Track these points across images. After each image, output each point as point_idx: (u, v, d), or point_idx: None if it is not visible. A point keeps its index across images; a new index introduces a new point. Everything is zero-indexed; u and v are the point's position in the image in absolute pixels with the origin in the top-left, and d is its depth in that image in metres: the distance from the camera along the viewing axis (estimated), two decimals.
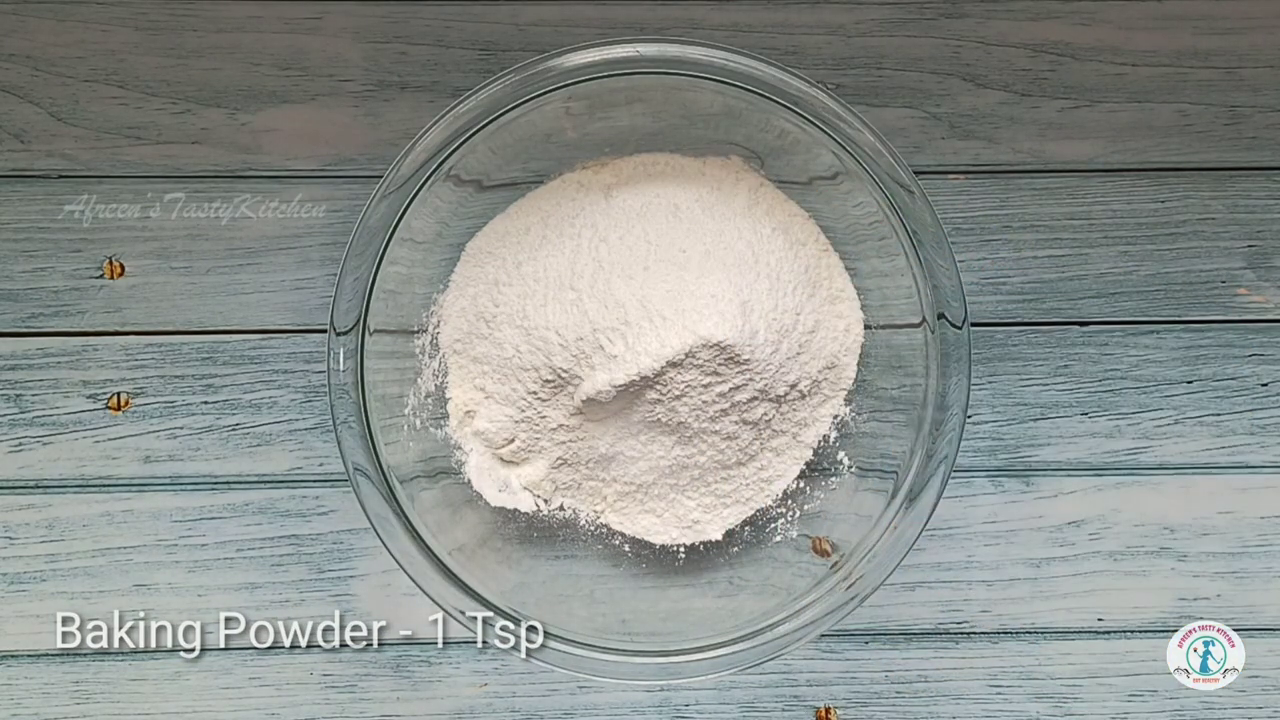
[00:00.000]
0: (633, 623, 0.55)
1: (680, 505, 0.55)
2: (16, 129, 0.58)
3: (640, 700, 0.58)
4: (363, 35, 0.59)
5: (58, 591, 0.57)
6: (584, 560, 0.57)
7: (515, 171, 0.56)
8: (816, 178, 0.55)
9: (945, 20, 0.60)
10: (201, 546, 0.58)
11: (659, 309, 0.51)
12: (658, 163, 0.56)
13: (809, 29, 0.59)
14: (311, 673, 0.57)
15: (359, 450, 0.52)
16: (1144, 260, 0.60)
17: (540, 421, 0.54)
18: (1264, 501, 0.59)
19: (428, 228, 0.54)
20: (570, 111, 0.55)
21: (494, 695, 0.58)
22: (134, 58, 0.59)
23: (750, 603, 0.55)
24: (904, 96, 0.59)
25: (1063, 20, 0.60)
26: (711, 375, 0.51)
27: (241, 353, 0.58)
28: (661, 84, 0.53)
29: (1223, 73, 0.60)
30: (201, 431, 0.58)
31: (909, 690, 0.58)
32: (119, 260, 0.58)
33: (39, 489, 0.58)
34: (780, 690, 0.58)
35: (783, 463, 0.55)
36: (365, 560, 0.58)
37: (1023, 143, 0.59)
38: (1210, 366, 0.59)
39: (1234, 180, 0.60)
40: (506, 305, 0.54)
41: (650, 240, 0.53)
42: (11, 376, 0.58)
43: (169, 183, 0.58)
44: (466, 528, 0.55)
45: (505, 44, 0.59)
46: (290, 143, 0.59)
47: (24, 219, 0.58)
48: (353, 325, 0.52)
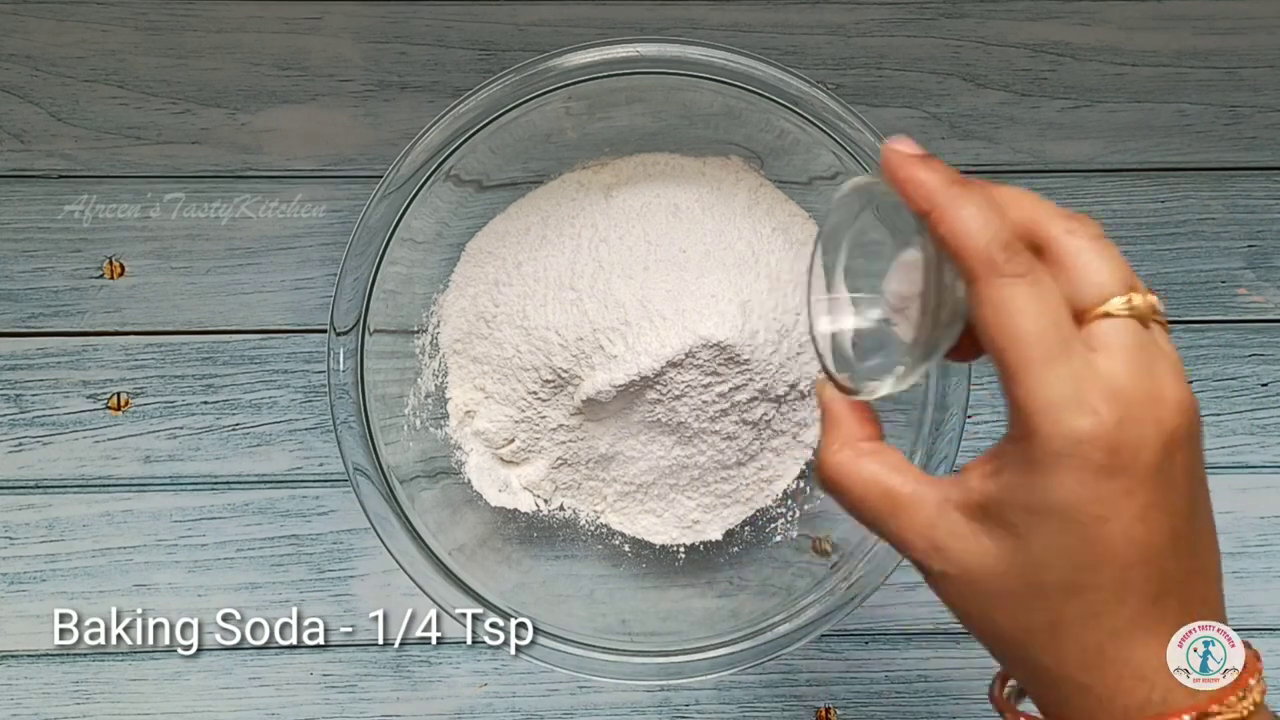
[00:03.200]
0: (633, 623, 0.55)
1: (680, 505, 0.55)
2: (16, 129, 0.58)
3: (640, 700, 0.58)
4: (363, 35, 0.59)
5: (57, 591, 0.57)
6: (584, 560, 0.57)
7: (515, 171, 0.56)
8: (816, 178, 0.55)
9: (945, 20, 0.60)
10: (201, 546, 0.58)
11: (659, 309, 0.51)
12: (658, 163, 0.56)
13: (809, 29, 0.59)
14: (311, 673, 0.57)
15: (359, 450, 0.52)
16: (1144, 260, 0.60)
17: (540, 421, 0.54)
18: (1264, 501, 0.59)
19: (428, 228, 0.54)
20: (570, 111, 0.55)
21: (494, 695, 0.58)
22: (134, 58, 0.59)
23: (750, 603, 0.55)
24: (904, 96, 0.60)
25: (1063, 20, 0.60)
26: (711, 375, 0.51)
27: (241, 353, 0.58)
28: (661, 84, 0.53)
29: (1223, 73, 0.60)
30: (201, 431, 0.58)
31: (909, 690, 0.58)
32: (119, 260, 0.58)
33: (39, 489, 0.58)
34: (780, 690, 0.58)
35: (783, 463, 0.55)
36: (365, 560, 0.58)
37: (1023, 143, 0.59)
38: (1210, 366, 0.59)
39: (1234, 180, 0.60)
40: (506, 305, 0.54)
41: (650, 240, 0.53)
42: (11, 376, 0.58)
43: (169, 183, 0.58)
44: (466, 528, 0.55)
45: (505, 44, 0.59)
46: (290, 143, 0.59)
47: (24, 219, 0.58)
48: (353, 325, 0.52)
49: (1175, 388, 0.31)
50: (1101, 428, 0.30)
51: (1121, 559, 0.31)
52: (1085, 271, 0.32)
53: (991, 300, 0.32)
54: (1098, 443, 0.30)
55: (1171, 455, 0.31)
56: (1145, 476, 0.31)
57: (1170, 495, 0.31)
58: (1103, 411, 0.30)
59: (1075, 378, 0.31)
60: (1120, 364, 0.31)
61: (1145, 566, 0.31)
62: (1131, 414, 0.31)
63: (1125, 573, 0.31)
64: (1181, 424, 0.31)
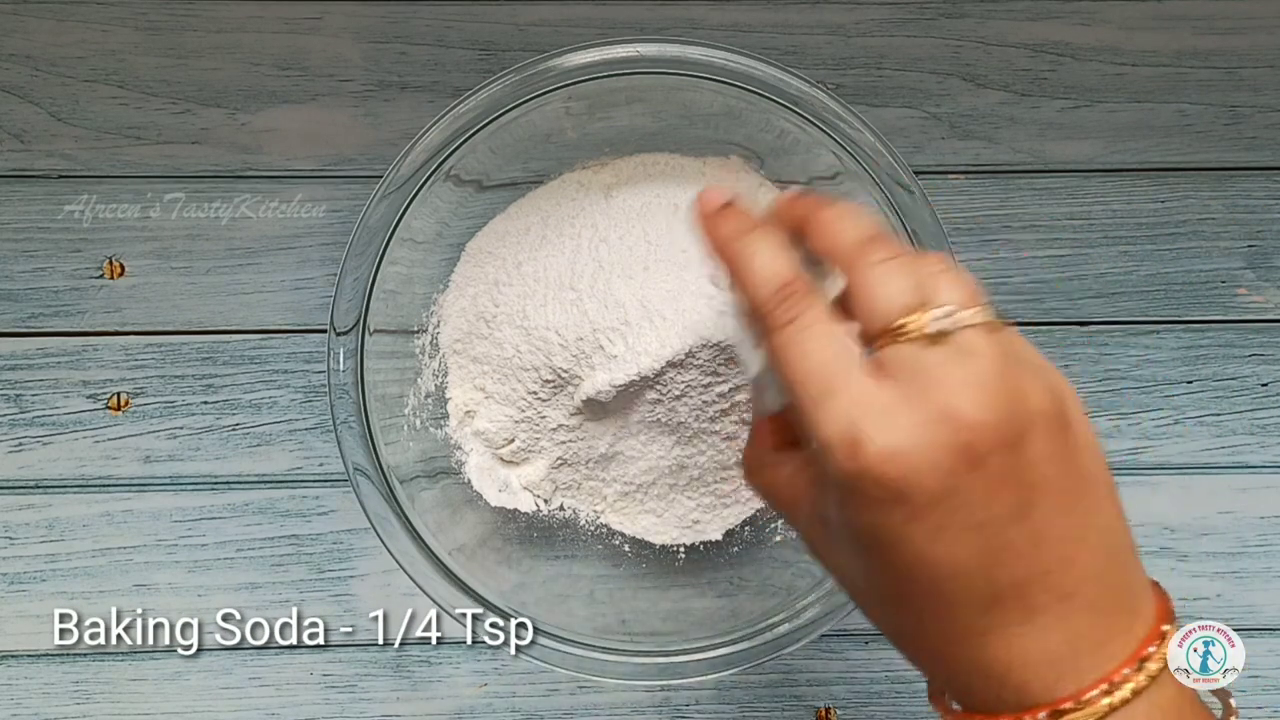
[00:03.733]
0: (633, 623, 0.55)
1: (680, 505, 0.55)
2: (16, 129, 0.58)
3: (640, 700, 0.58)
4: (363, 35, 0.59)
5: (57, 591, 0.57)
6: (584, 560, 0.57)
7: (515, 171, 0.56)
8: (816, 178, 0.55)
9: (945, 20, 0.60)
10: (201, 546, 0.58)
11: (659, 309, 0.51)
12: (658, 163, 0.56)
13: (809, 29, 0.59)
14: (311, 673, 0.57)
15: (359, 450, 0.52)
16: (1144, 260, 0.60)
17: (540, 421, 0.54)
18: (1264, 501, 0.59)
19: (428, 228, 0.54)
20: (570, 111, 0.55)
21: (494, 695, 0.58)
22: (134, 58, 0.59)
23: (750, 603, 0.55)
24: (904, 96, 0.60)
25: (1063, 20, 0.60)
26: (712, 375, 0.51)
27: (241, 353, 0.58)
28: (661, 84, 0.53)
29: (1223, 73, 0.60)
30: (201, 431, 0.58)
31: (909, 690, 0.58)
32: (119, 260, 0.58)
33: (39, 489, 0.58)
34: (780, 690, 0.58)
35: None
36: (365, 560, 0.58)
37: (1023, 143, 0.59)
38: (1210, 366, 0.59)
39: (1234, 180, 0.60)
40: (506, 305, 0.54)
41: (650, 240, 0.53)
42: (11, 376, 0.58)
43: (169, 183, 0.58)
44: (466, 528, 0.55)
45: (505, 44, 0.59)
46: (290, 143, 0.59)
47: (24, 219, 0.58)
48: (353, 325, 0.52)
49: (964, 405, 0.30)
50: (864, 463, 0.30)
51: (926, 577, 0.31)
52: (870, 296, 0.32)
53: (772, 348, 0.33)
54: (867, 479, 0.30)
55: (966, 473, 0.30)
56: (928, 501, 0.30)
57: (971, 511, 0.31)
58: (866, 445, 0.30)
59: (842, 418, 0.31)
60: (897, 391, 0.31)
61: (955, 580, 0.31)
62: (907, 442, 0.30)
63: (935, 587, 0.31)
64: (968, 442, 0.30)
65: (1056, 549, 0.32)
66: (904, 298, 0.32)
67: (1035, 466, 0.31)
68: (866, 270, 0.33)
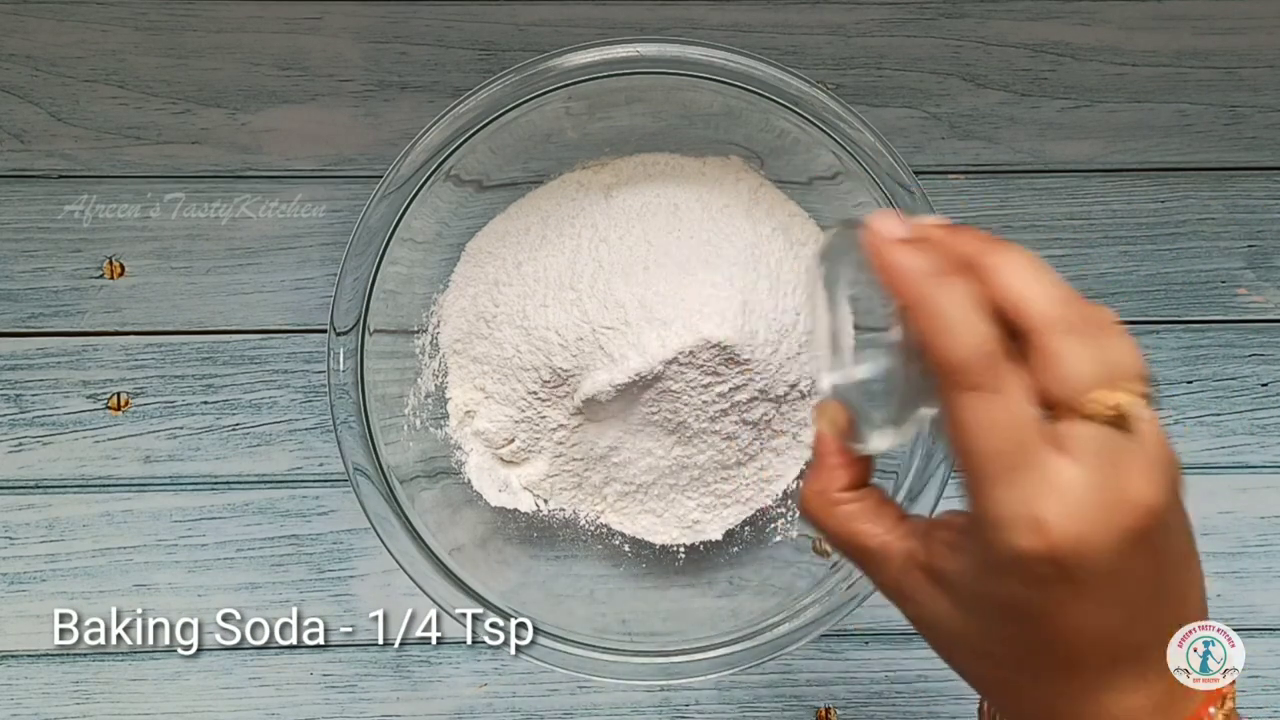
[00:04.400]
0: (633, 623, 0.55)
1: (680, 505, 0.55)
2: (16, 129, 0.58)
3: (640, 700, 0.58)
4: (363, 35, 0.59)
5: (58, 591, 0.57)
6: (584, 560, 0.57)
7: (515, 171, 0.56)
8: (816, 178, 0.55)
9: (945, 20, 0.60)
10: (201, 546, 0.58)
11: (659, 309, 0.51)
12: (658, 163, 0.56)
13: (809, 29, 0.59)
14: (311, 673, 0.57)
15: (359, 450, 0.52)
16: (1144, 260, 0.60)
17: (540, 421, 0.54)
18: (1264, 501, 0.59)
19: (428, 228, 0.54)
20: (570, 111, 0.55)
21: (494, 695, 0.58)
22: (134, 58, 0.59)
23: (750, 603, 0.55)
24: (904, 96, 0.60)
25: (1063, 20, 0.60)
26: (711, 375, 0.51)
27: (241, 353, 0.58)
28: (661, 84, 0.53)
29: (1223, 73, 0.60)
30: (201, 431, 0.58)
31: (909, 690, 0.58)
32: (119, 260, 0.58)
33: (39, 489, 0.58)
34: (780, 690, 0.58)
35: (783, 463, 0.55)
36: (365, 560, 0.58)
37: (1023, 143, 0.59)
38: (1210, 366, 0.59)
39: (1234, 180, 0.60)
40: (506, 305, 0.54)
41: (650, 240, 0.53)
42: (11, 376, 0.58)
43: (169, 183, 0.58)
44: (466, 528, 0.55)
45: (505, 44, 0.59)
46: (290, 143, 0.59)
47: (24, 219, 0.58)
48: (353, 325, 0.52)
49: (1143, 489, 0.31)
50: (1046, 544, 0.30)
51: (1069, 645, 0.32)
52: (1059, 364, 0.31)
53: (953, 412, 0.31)
54: (1041, 557, 0.30)
55: (1131, 553, 0.31)
56: (1094, 580, 0.31)
57: (1127, 587, 0.31)
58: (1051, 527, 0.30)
59: (1025, 498, 0.30)
60: (1080, 472, 0.30)
61: (1096, 646, 0.32)
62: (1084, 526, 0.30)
63: (1072, 653, 0.32)
64: (1142, 526, 0.31)
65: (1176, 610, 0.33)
66: (1092, 371, 0.31)
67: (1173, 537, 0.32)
68: (1059, 337, 0.31)
